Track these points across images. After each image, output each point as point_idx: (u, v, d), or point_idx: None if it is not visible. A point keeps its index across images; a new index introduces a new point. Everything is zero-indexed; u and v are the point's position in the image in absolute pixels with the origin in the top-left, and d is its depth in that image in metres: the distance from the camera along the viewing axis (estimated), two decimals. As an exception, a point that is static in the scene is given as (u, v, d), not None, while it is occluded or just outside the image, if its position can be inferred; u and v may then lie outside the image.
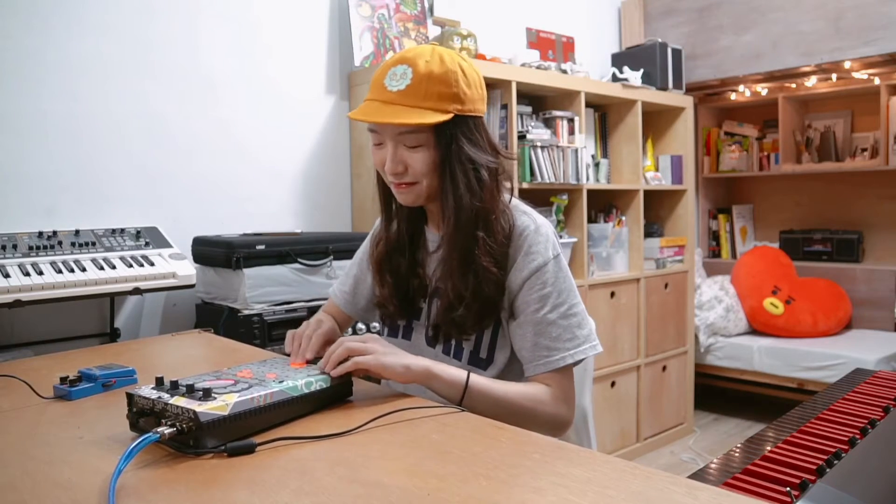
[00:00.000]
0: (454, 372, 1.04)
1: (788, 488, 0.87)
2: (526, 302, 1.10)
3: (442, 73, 1.05)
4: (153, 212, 2.08)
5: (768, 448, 1.04)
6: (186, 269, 1.81)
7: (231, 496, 0.67)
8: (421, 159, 1.08)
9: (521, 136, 2.61)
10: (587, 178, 2.88)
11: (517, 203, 1.18)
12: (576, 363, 1.11)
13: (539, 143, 2.64)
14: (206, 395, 0.82)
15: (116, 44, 2.01)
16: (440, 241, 1.14)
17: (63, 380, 1.05)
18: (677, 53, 3.29)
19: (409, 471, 0.73)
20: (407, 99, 1.05)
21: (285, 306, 1.94)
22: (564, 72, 2.84)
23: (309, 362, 1.05)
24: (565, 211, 2.87)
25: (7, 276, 1.56)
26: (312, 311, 1.98)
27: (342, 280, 1.38)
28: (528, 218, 1.14)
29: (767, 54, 3.32)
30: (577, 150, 2.77)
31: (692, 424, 3.41)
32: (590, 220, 3.05)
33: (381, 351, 1.01)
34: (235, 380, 0.91)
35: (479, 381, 1.05)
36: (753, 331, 3.57)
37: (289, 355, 1.10)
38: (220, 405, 0.80)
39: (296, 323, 1.90)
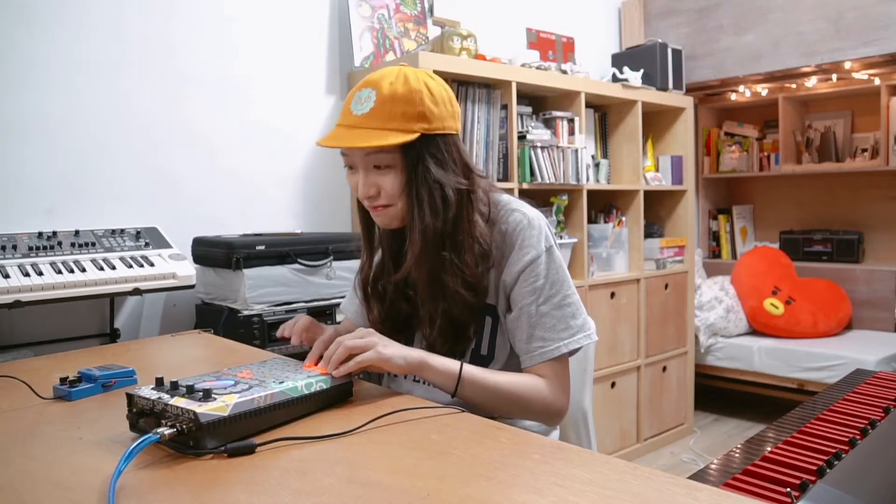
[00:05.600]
0: (448, 362, 1.05)
1: (789, 489, 0.87)
2: (521, 295, 1.11)
3: (406, 93, 1.05)
4: (153, 212, 2.08)
5: (768, 449, 1.04)
6: (186, 270, 1.81)
7: (231, 497, 0.67)
8: (391, 181, 1.08)
9: (521, 137, 2.61)
10: (587, 179, 2.88)
11: (508, 199, 1.18)
12: (571, 353, 1.11)
13: (539, 144, 2.64)
14: (206, 395, 0.82)
15: (116, 43, 2.01)
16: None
17: (63, 380, 1.05)
18: (677, 54, 3.29)
19: (409, 471, 0.73)
20: (371, 121, 1.05)
21: (285, 307, 1.94)
22: (564, 72, 2.83)
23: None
24: (565, 211, 2.87)
25: (7, 276, 1.56)
26: (312, 311, 1.98)
27: (350, 297, 1.39)
28: (520, 214, 1.14)
29: (767, 55, 3.32)
30: (577, 151, 2.77)
31: (692, 425, 3.41)
32: (590, 221, 3.05)
33: (380, 343, 1.01)
34: (235, 380, 0.91)
35: (473, 370, 1.06)
36: (754, 331, 3.56)
37: (285, 345, 1.12)
38: (220, 406, 0.80)
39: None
